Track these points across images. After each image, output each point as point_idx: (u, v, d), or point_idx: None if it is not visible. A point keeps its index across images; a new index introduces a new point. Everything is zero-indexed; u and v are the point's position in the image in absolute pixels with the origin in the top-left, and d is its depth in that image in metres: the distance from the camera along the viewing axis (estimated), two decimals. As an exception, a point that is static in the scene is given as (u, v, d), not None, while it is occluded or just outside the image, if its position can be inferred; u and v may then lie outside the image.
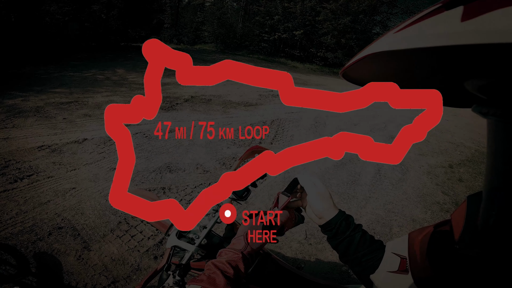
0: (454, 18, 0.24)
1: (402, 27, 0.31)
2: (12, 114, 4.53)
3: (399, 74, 0.42)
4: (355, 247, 0.71)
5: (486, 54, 0.26)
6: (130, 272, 2.11)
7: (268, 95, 7.97)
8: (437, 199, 3.66)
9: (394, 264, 0.56)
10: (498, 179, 0.37)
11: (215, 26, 22.48)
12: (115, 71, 8.73)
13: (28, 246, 2.18)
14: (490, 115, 0.34)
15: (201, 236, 1.03)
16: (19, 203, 2.62)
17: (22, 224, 2.39)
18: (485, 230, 0.39)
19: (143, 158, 3.70)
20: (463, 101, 0.45)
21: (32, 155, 3.41)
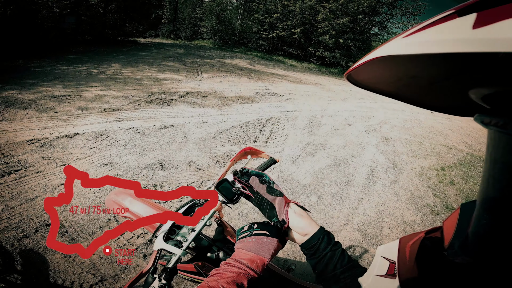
0: (466, 25, 0.24)
1: (412, 32, 0.30)
2: (3, 107, 4.44)
3: (404, 79, 0.41)
4: (334, 263, 0.73)
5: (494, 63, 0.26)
6: (118, 270, 2.08)
7: (264, 93, 7.93)
8: (428, 201, 3.68)
9: (383, 268, 0.57)
10: (495, 189, 0.36)
11: (213, 23, 22.33)
12: (110, 65, 8.62)
13: (14, 243, 2.13)
14: (492, 125, 0.33)
15: (189, 239, 1.00)
16: (6, 198, 2.56)
17: (8, 220, 2.34)
18: (475, 239, 0.39)
19: (135, 154, 3.66)
20: (466, 110, 0.44)
21: (21, 149, 3.34)
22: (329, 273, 0.73)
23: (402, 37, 0.31)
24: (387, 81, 0.45)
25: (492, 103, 0.33)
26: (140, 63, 9.57)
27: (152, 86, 6.88)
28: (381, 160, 4.69)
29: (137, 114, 4.97)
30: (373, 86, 0.48)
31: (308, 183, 3.65)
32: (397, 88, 0.46)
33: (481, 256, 0.39)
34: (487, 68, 0.28)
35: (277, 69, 13.87)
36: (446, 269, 0.45)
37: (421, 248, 0.52)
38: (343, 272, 0.71)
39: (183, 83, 7.65)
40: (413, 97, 0.48)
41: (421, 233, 0.55)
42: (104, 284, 1.97)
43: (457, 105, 0.46)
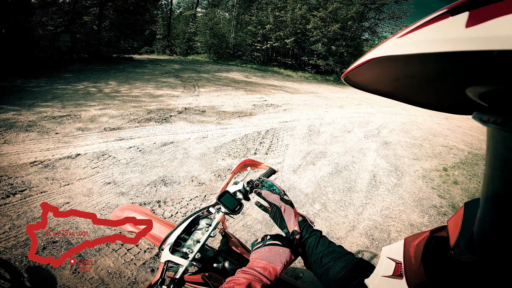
0: (459, 24, 0.24)
1: (406, 32, 0.31)
2: (4, 129, 4.51)
3: (401, 79, 0.42)
4: (313, 248, 0.82)
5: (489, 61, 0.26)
6: (127, 285, 2.10)
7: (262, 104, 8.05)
8: (433, 202, 3.71)
9: (389, 269, 0.57)
10: (497, 186, 0.37)
11: (207, 37, 22.72)
12: (107, 83, 8.75)
13: (22, 260, 2.16)
14: (490, 123, 0.34)
15: (194, 250, 1.04)
16: (12, 218, 2.60)
17: (16, 238, 2.37)
18: (481, 237, 0.39)
19: (137, 172, 3.71)
20: (464, 108, 0.45)
21: (24, 171, 3.39)
22: (311, 258, 0.81)
23: (397, 37, 0.32)
24: (384, 81, 0.45)
25: (489, 100, 0.34)
26: (137, 80, 9.72)
27: (150, 103, 6.99)
28: (383, 164, 4.74)
29: (137, 133, 5.04)
30: (370, 87, 0.49)
31: (311, 192, 3.69)
32: (394, 88, 0.46)
33: (488, 254, 0.39)
34: (483, 66, 0.29)
35: (273, 80, 14.08)
36: (453, 268, 0.45)
37: (427, 248, 0.52)
38: (323, 255, 0.78)
39: (180, 99, 7.77)
40: (411, 97, 0.48)
41: (426, 232, 0.55)
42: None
43: (455, 103, 0.46)
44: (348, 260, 0.74)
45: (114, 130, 5.02)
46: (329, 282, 0.73)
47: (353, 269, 0.70)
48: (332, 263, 0.74)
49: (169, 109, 6.70)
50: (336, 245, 0.83)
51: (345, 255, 0.76)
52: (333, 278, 0.71)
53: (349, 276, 0.69)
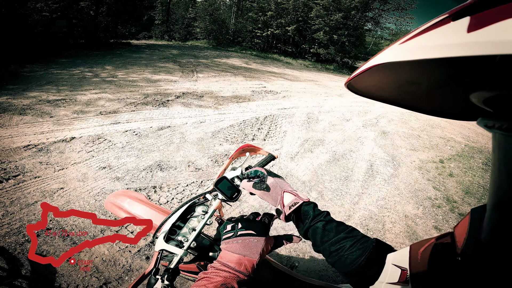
0: (461, 29, 0.24)
1: (408, 38, 0.30)
2: (-3, 112, 4.40)
3: (404, 85, 0.41)
4: (320, 236, 0.75)
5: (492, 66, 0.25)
6: (121, 273, 2.08)
7: (261, 91, 7.93)
8: (428, 194, 3.70)
9: (395, 276, 0.56)
10: (503, 193, 0.36)
11: (207, 22, 22.24)
12: (104, 68, 8.56)
13: (16, 248, 2.12)
14: (495, 129, 0.33)
15: (190, 239, 1.00)
16: (5, 204, 2.54)
17: (9, 225, 2.32)
18: (488, 243, 0.39)
19: (133, 156, 3.64)
20: (468, 114, 0.44)
21: (18, 155, 3.31)
22: (321, 246, 0.74)
23: (399, 43, 0.32)
24: (387, 88, 0.44)
25: (494, 106, 0.33)
26: (135, 65, 9.52)
27: (148, 88, 6.85)
28: (380, 154, 4.71)
29: (133, 116, 4.94)
30: (373, 94, 0.48)
31: (308, 179, 3.65)
32: (397, 95, 0.46)
33: (495, 261, 0.39)
34: (486, 71, 0.28)
35: (272, 67, 13.86)
36: (460, 274, 0.45)
37: (433, 254, 0.52)
38: (335, 242, 0.71)
39: (178, 84, 7.63)
40: (415, 103, 0.48)
41: (432, 239, 0.55)
42: (108, 287, 1.96)
43: (459, 109, 0.46)
44: (364, 247, 0.68)
45: (110, 113, 4.92)
46: (344, 271, 0.68)
47: (368, 259, 0.65)
48: (346, 253, 0.68)
49: (167, 93, 6.58)
50: (347, 227, 0.75)
51: (360, 241, 0.70)
52: (349, 268, 0.67)
53: (363, 267, 0.65)
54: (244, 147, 1.25)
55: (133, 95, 6.11)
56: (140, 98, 6.00)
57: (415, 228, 3.00)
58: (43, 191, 2.77)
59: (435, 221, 3.18)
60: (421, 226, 3.06)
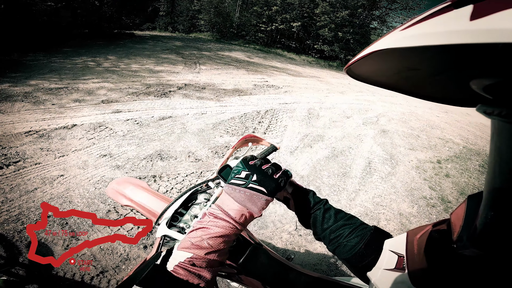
0: (463, 17, 0.24)
1: (410, 25, 0.31)
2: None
3: (404, 71, 0.41)
4: (320, 223, 0.76)
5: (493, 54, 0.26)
6: (119, 261, 2.08)
7: (262, 85, 7.89)
8: (424, 194, 3.70)
9: (391, 262, 0.57)
10: (500, 179, 0.36)
11: (211, 15, 22.02)
12: (107, 58, 8.50)
13: (14, 235, 2.12)
14: (494, 115, 0.33)
15: (192, 225, 1.01)
16: (5, 191, 2.54)
17: (8, 212, 2.32)
18: (484, 231, 0.39)
19: (134, 145, 3.64)
20: (468, 101, 0.44)
21: (19, 141, 3.31)
22: (321, 234, 0.76)
23: (400, 29, 0.32)
24: (387, 74, 0.45)
25: (494, 93, 0.33)
26: (137, 56, 9.45)
27: (150, 78, 6.82)
28: (379, 152, 4.70)
29: (135, 106, 4.93)
30: (373, 79, 0.48)
31: (306, 174, 3.66)
32: (397, 81, 0.46)
33: (491, 248, 0.39)
34: (487, 59, 0.28)
35: (275, 62, 13.76)
36: (456, 262, 0.45)
37: (429, 241, 0.52)
38: (334, 230, 0.73)
39: (181, 75, 7.59)
40: (414, 90, 0.48)
41: (429, 225, 0.55)
42: (105, 276, 1.97)
43: (458, 96, 0.46)
44: (362, 233, 0.69)
45: (112, 102, 4.91)
46: (344, 257, 0.70)
47: (367, 246, 0.66)
48: (344, 240, 0.70)
49: (169, 84, 6.55)
50: (345, 214, 0.76)
51: (358, 228, 0.71)
52: (347, 254, 0.68)
53: (363, 253, 0.66)
54: (247, 137, 1.25)
55: (135, 85, 6.09)
56: (142, 88, 5.97)
57: (409, 226, 3.01)
58: (43, 178, 2.77)
59: (429, 220, 3.18)
60: (415, 224, 3.06)
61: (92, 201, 2.56)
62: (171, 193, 2.88)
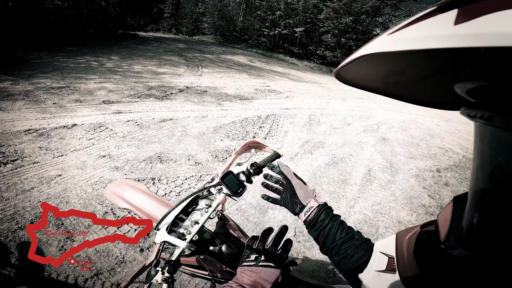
0: (448, 22, 0.24)
1: (397, 29, 0.31)
2: (0, 97, 4.37)
3: (392, 75, 0.42)
4: (333, 234, 0.79)
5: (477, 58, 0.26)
6: (114, 264, 2.05)
7: (264, 89, 7.88)
8: (423, 202, 3.67)
9: (382, 264, 0.58)
10: (483, 181, 0.37)
11: (215, 18, 22.09)
12: (110, 58, 8.51)
13: (8, 235, 2.08)
14: (477, 118, 0.34)
15: (192, 231, 0.98)
16: (1, 189, 2.51)
17: (3, 212, 2.29)
18: (470, 231, 0.40)
19: (133, 146, 3.62)
20: (453, 105, 0.45)
21: (18, 139, 3.29)
22: (330, 244, 0.78)
23: (387, 34, 0.32)
24: (375, 78, 0.45)
25: (477, 96, 0.34)
26: (140, 57, 9.46)
27: (152, 80, 6.82)
28: (379, 160, 4.67)
29: (136, 107, 4.91)
30: (361, 84, 0.48)
31: (306, 181, 3.63)
32: (385, 85, 0.46)
33: (477, 248, 0.39)
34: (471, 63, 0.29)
35: (277, 67, 13.78)
36: (444, 262, 0.46)
37: (418, 242, 0.52)
38: (343, 242, 0.76)
39: (183, 78, 7.59)
40: (401, 93, 0.48)
41: (417, 227, 0.56)
42: (99, 278, 1.94)
43: (444, 100, 0.47)
44: (367, 248, 0.72)
45: (113, 103, 4.90)
46: (347, 269, 0.72)
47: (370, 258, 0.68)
48: (351, 251, 0.73)
49: (171, 86, 6.54)
50: (355, 231, 0.81)
51: (364, 243, 0.74)
52: (351, 266, 0.71)
53: (366, 264, 0.67)
54: (250, 143, 1.24)
55: (137, 86, 6.08)
56: (144, 89, 5.96)
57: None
58: (41, 177, 2.74)
59: (430, 229, 3.14)
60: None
61: (89, 202, 2.53)
62: (170, 196, 2.85)
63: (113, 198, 1.38)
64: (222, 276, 1.14)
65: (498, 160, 0.34)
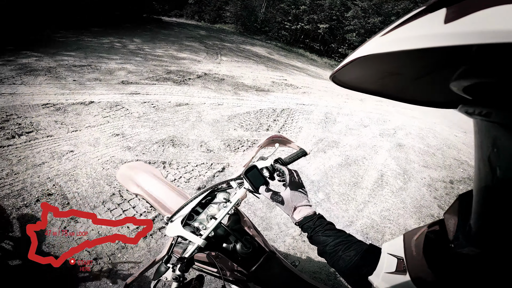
0: (437, 21, 0.24)
1: (389, 30, 0.30)
2: (23, 72, 4.38)
3: (387, 76, 0.42)
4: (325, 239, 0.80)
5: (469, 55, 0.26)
6: (115, 249, 1.97)
7: (281, 83, 7.67)
8: (432, 211, 3.49)
9: (392, 265, 0.56)
10: (485, 178, 0.35)
11: (238, 8, 21.70)
12: (133, 41, 8.48)
13: (12, 211, 2.02)
14: (475, 114, 0.33)
15: (209, 227, 0.89)
16: (12, 162, 2.46)
17: (11, 187, 2.22)
18: (478, 228, 0.38)
19: (147, 127, 3.55)
20: (450, 103, 0.44)
21: (35, 112, 3.27)
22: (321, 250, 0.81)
23: (380, 35, 0.32)
24: (371, 80, 0.44)
25: (473, 93, 0.33)
26: (162, 41, 9.38)
27: (171, 64, 6.74)
28: (392, 165, 4.46)
29: (153, 89, 4.85)
30: (358, 86, 0.48)
31: (317, 180, 3.49)
32: (381, 86, 0.45)
33: (487, 245, 0.38)
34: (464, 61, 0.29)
35: (296, 61, 13.45)
36: (454, 261, 0.44)
37: (427, 242, 0.51)
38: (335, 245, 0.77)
39: (201, 64, 7.47)
40: (398, 94, 0.47)
41: (424, 227, 0.54)
42: (98, 263, 1.86)
43: (441, 98, 0.46)
44: (357, 248, 0.73)
45: (131, 84, 4.85)
46: (342, 271, 0.73)
47: (362, 257, 0.69)
48: (342, 254, 0.73)
49: (189, 72, 6.45)
50: (346, 233, 0.82)
51: (355, 244, 0.75)
52: (344, 267, 0.72)
53: (357, 264, 0.69)
54: (274, 137, 1.14)
55: (156, 69, 6.02)
56: (163, 73, 5.89)
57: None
58: (53, 152, 2.70)
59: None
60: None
61: (97, 182, 2.47)
62: (179, 183, 2.77)
63: (124, 180, 1.28)
64: (232, 275, 1.04)
65: (499, 156, 0.33)
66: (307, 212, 0.88)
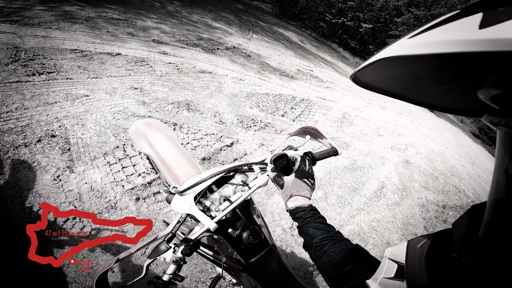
0: (472, 25, 0.23)
1: (417, 33, 0.29)
2: (62, 18, 4.32)
3: (411, 80, 0.38)
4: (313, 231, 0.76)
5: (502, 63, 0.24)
6: (103, 208, 1.88)
7: (306, 73, 7.32)
8: (416, 231, 3.38)
9: (391, 271, 0.54)
10: (504, 190, 0.32)
11: (280, -12, 20.52)
12: (172, 2, 8.22)
13: (9, 150, 1.91)
14: (501, 125, 0.30)
15: (222, 210, 0.78)
16: (25, 97, 2.38)
17: (16, 121, 2.13)
18: (486, 240, 0.36)
19: (167, 87, 3.45)
20: (474, 111, 0.40)
21: (62, 55, 3.21)
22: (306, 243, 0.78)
23: (407, 37, 0.30)
24: (394, 82, 0.42)
25: (501, 103, 0.30)
26: (200, 8, 9.05)
27: (204, 32, 6.51)
28: (395, 180, 4.26)
29: (181, 53, 4.70)
30: (379, 87, 0.44)
31: (320, 177, 3.36)
32: (403, 89, 0.42)
33: (492, 258, 0.35)
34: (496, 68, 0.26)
35: (326, 55, 12.79)
36: (456, 272, 0.41)
37: (430, 250, 0.48)
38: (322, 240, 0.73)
39: (232, 37, 7.18)
40: (420, 98, 0.44)
41: (430, 235, 0.52)
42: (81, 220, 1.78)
43: (465, 106, 0.41)
44: (343, 246, 0.70)
45: (161, 43, 4.71)
46: (323, 266, 0.70)
47: (347, 255, 0.67)
48: (327, 248, 0.71)
49: (219, 42, 6.24)
50: (335, 230, 0.78)
51: (342, 241, 0.72)
52: (327, 263, 0.69)
53: (341, 262, 0.66)
54: (307, 128, 1.02)
55: (189, 34, 5.85)
56: (194, 38, 5.71)
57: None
58: (68, 94, 2.63)
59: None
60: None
61: (104, 130, 2.39)
62: (186, 148, 2.67)
63: (137, 136, 1.17)
64: (228, 262, 0.95)
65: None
66: (301, 202, 0.82)
